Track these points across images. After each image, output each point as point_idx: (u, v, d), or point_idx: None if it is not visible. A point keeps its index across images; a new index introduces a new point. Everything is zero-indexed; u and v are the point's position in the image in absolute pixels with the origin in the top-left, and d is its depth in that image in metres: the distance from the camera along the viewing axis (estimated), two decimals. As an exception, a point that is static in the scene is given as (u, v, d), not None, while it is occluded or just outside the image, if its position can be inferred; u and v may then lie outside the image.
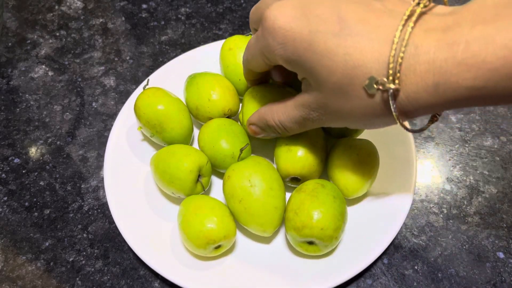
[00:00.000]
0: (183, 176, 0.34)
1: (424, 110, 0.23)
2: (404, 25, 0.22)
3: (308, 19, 0.24)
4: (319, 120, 0.28)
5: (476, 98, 0.21)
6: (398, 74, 0.22)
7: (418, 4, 0.23)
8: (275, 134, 0.33)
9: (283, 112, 0.30)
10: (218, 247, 0.33)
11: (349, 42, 0.23)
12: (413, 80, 0.22)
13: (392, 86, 0.22)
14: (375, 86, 0.23)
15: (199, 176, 0.35)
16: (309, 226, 0.31)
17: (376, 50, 0.23)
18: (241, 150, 0.35)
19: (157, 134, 0.38)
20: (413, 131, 0.26)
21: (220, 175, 0.40)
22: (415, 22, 0.22)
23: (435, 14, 0.23)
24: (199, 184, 0.36)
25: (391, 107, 0.23)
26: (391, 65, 0.22)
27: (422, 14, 0.23)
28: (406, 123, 0.24)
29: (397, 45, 0.22)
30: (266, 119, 0.32)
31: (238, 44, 0.41)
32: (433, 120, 0.27)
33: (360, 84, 0.23)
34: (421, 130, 0.27)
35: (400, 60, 0.22)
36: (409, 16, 0.22)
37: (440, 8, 0.23)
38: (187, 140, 0.39)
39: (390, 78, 0.22)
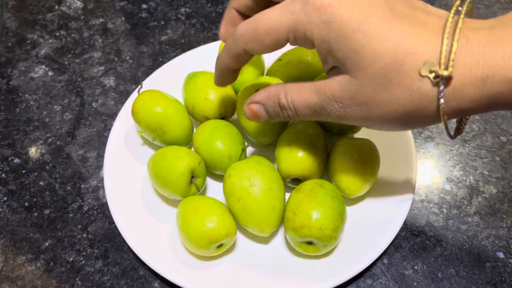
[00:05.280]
0: (175, 179, 0.34)
1: (466, 109, 0.23)
2: (452, 22, 0.22)
3: (359, 2, 0.24)
4: (338, 113, 0.26)
5: None
6: (451, 63, 0.22)
7: (460, 7, 0.24)
8: (281, 117, 0.30)
9: (299, 93, 0.27)
10: (220, 246, 0.33)
11: (402, 28, 0.23)
12: (463, 72, 0.22)
13: (445, 73, 0.22)
14: (428, 73, 0.22)
15: (192, 177, 0.35)
16: (307, 226, 0.31)
17: (428, 40, 0.23)
18: (243, 150, 0.35)
19: (158, 137, 0.38)
20: (451, 136, 0.26)
21: (217, 177, 0.40)
22: (462, 20, 0.23)
23: (474, 20, 0.23)
24: (193, 185, 0.36)
25: (440, 97, 0.22)
26: (443, 54, 0.22)
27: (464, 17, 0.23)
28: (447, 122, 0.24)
29: (449, 35, 0.22)
30: (278, 96, 0.29)
31: None
32: (459, 129, 0.27)
33: (407, 73, 0.23)
34: (455, 136, 0.27)
35: (454, 49, 0.22)
36: (456, 16, 0.23)
37: (477, 20, 0.24)
38: (188, 140, 0.39)
39: (443, 67, 0.22)
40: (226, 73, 0.31)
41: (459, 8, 0.24)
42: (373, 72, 0.24)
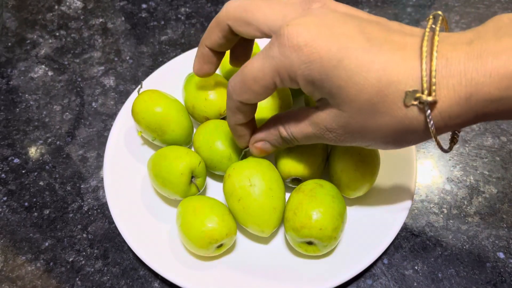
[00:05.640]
0: (174, 179, 0.34)
1: (454, 125, 0.23)
2: (428, 41, 0.22)
3: (335, 36, 0.24)
4: (335, 140, 0.28)
5: (507, 110, 0.21)
6: (433, 87, 0.22)
7: (433, 25, 0.23)
8: (286, 145, 0.32)
9: (295, 125, 0.29)
10: (220, 246, 0.33)
11: (382, 56, 0.23)
12: (446, 94, 0.22)
13: (429, 99, 0.22)
14: (413, 101, 0.22)
15: (192, 177, 0.35)
16: (307, 226, 0.31)
17: (408, 65, 0.22)
18: (243, 150, 0.35)
19: (158, 137, 0.38)
20: (445, 151, 0.26)
21: (217, 178, 0.40)
22: (439, 37, 0.22)
23: (452, 34, 0.23)
24: (193, 185, 0.36)
25: (428, 121, 0.23)
26: (425, 79, 0.22)
27: (441, 32, 0.23)
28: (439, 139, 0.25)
29: (427, 58, 0.22)
30: (278, 130, 0.31)
31: None
32: (453, 140, 0.27)
33: (393, 101, 0.23)
34: (451, 147, 0.27)
35: (434, 73, 0.22)
36: (431, 33, 0.23)
37: (455, 33, 0.24)
38: (188, 140, 0.39)
39: (426, 92, 0.22)
40: (245, 126, 0.32)
41: (433, 26, 0.24)
42: (359, 104, 0.24)
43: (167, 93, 0.39)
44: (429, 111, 0.22)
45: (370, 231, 0.34)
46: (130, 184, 0.38)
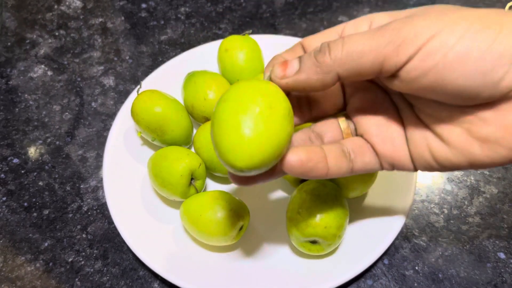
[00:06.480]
0: (174, 180, 0.34)
1: None
2: None
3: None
4: None
5: None
6: None
7: None
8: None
9: None
10: (241, 228, 0.33)
11: None
12: None
13: None
14: None
15: (192, 179, 0.35)
16: (312, 225, 0.31)
17: None
18: None
19: (158, 138, 0.38)
20: None
21: (217, 179, 0.40)
22: None
23: None
24: (192, 187, 0.35)
25: None
26: None
27: None
28: None
29: None
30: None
31: (234, 45, 0.41)
32: None
33: None
34: None
35: None
36: None
37: None
38: (188, 140, 0.39)
39: None
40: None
41: None
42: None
43: (166, 93, 0.39)
44: None
45: (371, 231, 0.34)
46: (129, 184, 0.38)
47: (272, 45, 0.45)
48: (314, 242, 0.32)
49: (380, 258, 0.35)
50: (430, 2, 0.53)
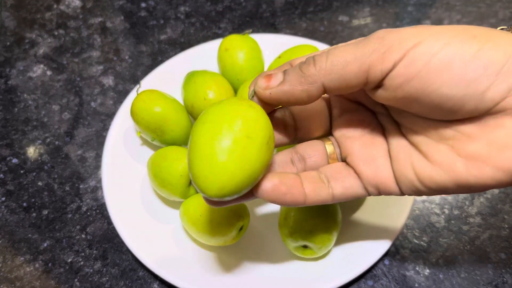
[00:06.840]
0: (174, 180, 0.34)
1: None
2: None
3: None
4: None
5: None
6: None
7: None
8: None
9: None
10: (241, 229, 0.33)
11: None
12: None
13: None
14: None
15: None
16: (298, 230, 0.31)
17: None
18: None
19: (158, 138, 0.37)
20: None
21: None
22: None
23: None
24: (192, 187, 0.35)
25: None
26: None
27: None
28: None
29: None
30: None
31: (234, 44, 0.41)
32: None
33: None
34: None
35: None
36: None
37: None
38: (187, 140, 0.39)
39: None
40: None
41: None
42: None
43: (166, 93, 0.39)
44: None
45: (371, 232, 0.34)
46: (128, 184, 0.38)
47: (272, 44, 0.45)
48: (305, 246, 0.32)
49: (381, 259, 0.35)
50: (430, 2, 0.53)
